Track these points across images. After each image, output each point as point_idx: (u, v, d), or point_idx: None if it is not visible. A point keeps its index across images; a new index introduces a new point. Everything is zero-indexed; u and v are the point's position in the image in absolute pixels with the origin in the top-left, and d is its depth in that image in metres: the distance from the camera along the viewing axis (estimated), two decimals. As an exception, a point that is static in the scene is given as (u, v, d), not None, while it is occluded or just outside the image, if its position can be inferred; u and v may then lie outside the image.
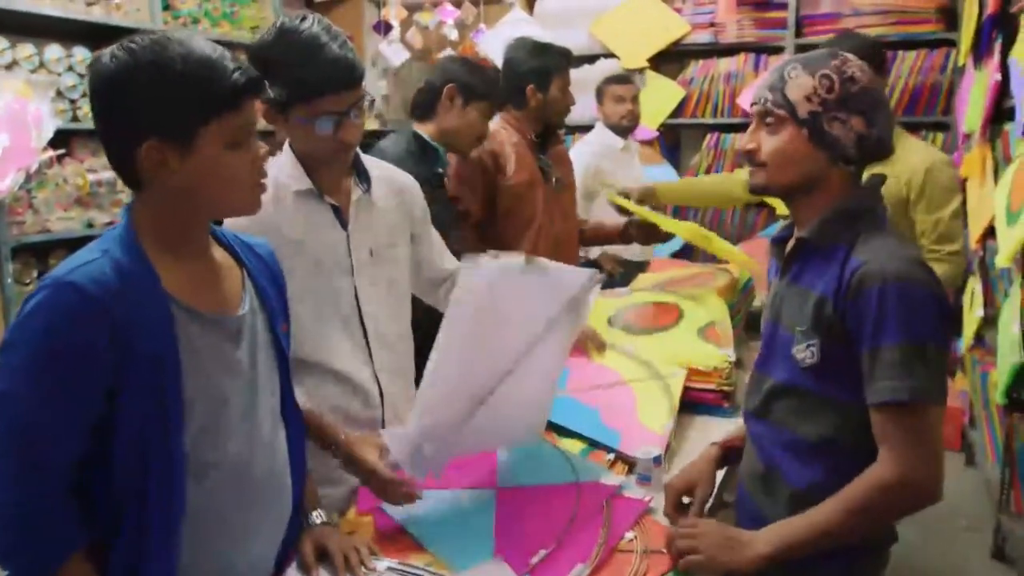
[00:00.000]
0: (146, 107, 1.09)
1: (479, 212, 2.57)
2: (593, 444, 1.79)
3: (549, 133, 2.79)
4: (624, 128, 3.75)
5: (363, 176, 1.71)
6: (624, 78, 3.85)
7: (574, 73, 2.90)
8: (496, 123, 2.73)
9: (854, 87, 1.29)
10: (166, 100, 1.08)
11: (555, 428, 1.83)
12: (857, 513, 1.24)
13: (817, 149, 1.31)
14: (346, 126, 1.54)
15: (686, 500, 1.53)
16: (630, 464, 1.69)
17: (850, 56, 1.33)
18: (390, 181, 1.79)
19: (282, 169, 1.65)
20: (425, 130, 2.32)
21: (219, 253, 1.27)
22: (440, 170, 2.32)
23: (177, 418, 1.12)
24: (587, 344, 2.12)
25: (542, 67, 2.67)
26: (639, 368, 2.03)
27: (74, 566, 1.10)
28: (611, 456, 1.74)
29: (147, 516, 1.12)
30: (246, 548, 1.27)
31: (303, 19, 1.52)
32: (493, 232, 2.62)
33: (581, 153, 3.54)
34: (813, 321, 1.30)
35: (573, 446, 1.78)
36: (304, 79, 1.49)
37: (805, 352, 1.31)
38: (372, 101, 1.64)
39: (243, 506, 1.24)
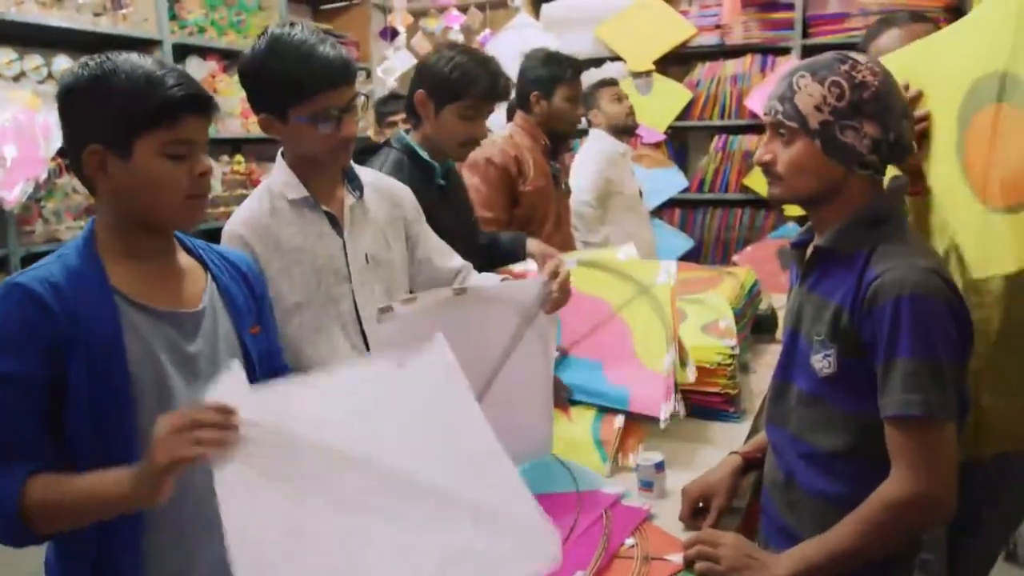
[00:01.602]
0: (90, 117, 1.18)
1: (505, 218, 2.58)
2: (603, 409, 1.82)
3: (559, 140, 2.81)
4: (629, 127, 3.74)
5: (355, 183, 1.73)
6: (613, 80, 3.85)
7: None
8: (510, 128, 2.75)
9: (865, 92, 1.26)
10: (106, 111, 1.17)
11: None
12: (870, 531, 1.23)
13: (832, 159, 1.28)
14: (347, 122, 1.57)
15: (700, 505, 1.52)
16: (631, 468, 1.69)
17: (860, 59, 1.29)
18: (380, 187, 1.81)
19: (275, 179, 1.67)
20: (417, 139, 2.17)
21: (183, 259, 1.32)
22: (442, 182, 2.18)
23: (128, 402, 1.17)
24: None
25: (547, 76, 2.72)
26: (624, 286, 1.97)
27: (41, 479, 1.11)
28: (619, 425, 1.76)
29: None
30: (213, 542, 1.27)
31: (291, 26, 1.56)
32: None
33: (591, 161, 3.54)
34: (830, 331, 1.29)
35: (586, 414, 1.80)
36: (302, 78, 1.51)
37: (823, 362, 1.30)
38: (366, 98, 1.66)
39: (202, 497, 1.23)
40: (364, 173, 1.78)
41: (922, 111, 1.47)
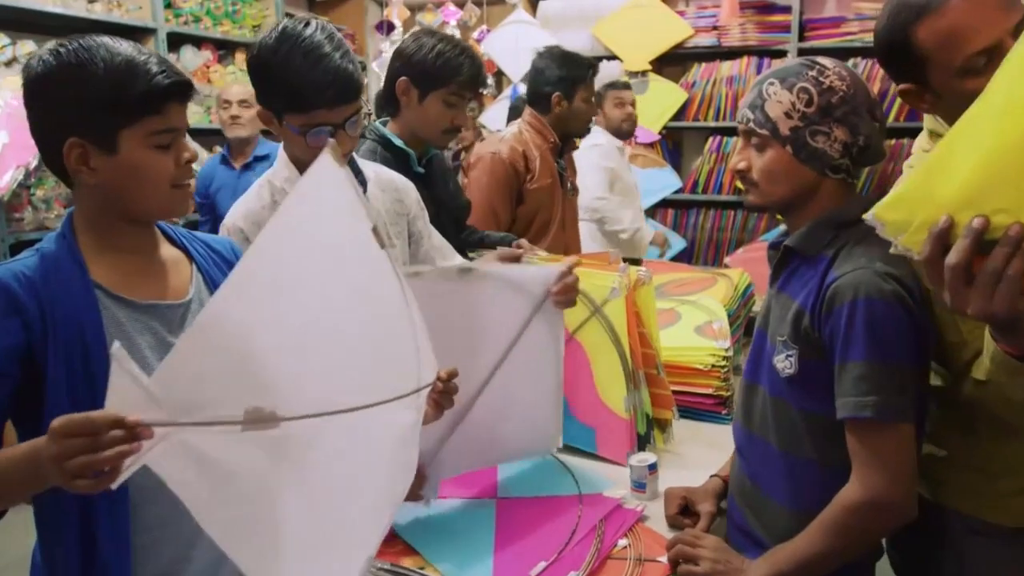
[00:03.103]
0: (69, 108, 1.11)
1: (506, 215, 2.57)
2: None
3: (566, 139, 2.82)
4: (623, 133, 3.80)
5: (358, 177, 1.70)
6: (625, 84, 3.92)
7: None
8: (519, 124, 2.75)
9: (833, 97, 1.27)
10: (87, 102, 1.10)
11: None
12: (834, 536, 1.23)
13: (804, 164, 1.29)
14: (340, 138, 1.50)
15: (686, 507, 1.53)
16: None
17: (827, 64, 1.30)
18: (383, 181, 1.78)
19: (276, 173, 1.64)
20: (395, 128, 2.11)
21: (167, 249, 1.28)
22: (420, 169, 2.12)
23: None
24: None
25: (569, 77, 2.74)
26: (579, 304, 1.87)
27: None
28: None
29: (95, 500, 1.13)
30: (205, 539, 1.25)
31: (306, 24, 1.47)
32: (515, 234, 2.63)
33: (587, 157, 3.57)
34: (792, 331, 1.29)
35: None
36: (301, 90, 1.44)
37: (784, 362, 1.30)
38: (369, 114, 1.61)
39: None
40: (367, 167, 1.75)
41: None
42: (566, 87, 2.73)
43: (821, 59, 1.32)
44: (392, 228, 1.75)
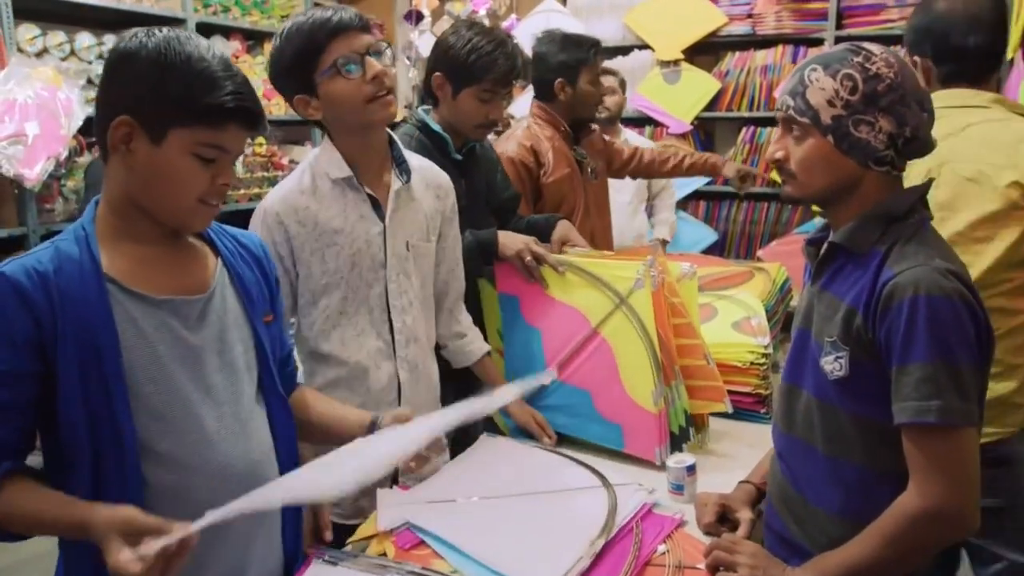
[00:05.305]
0: (134, 86, 1.13)
1: (529, 211, 2.51)
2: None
3: (581, 125, 2.74)
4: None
5: (403, 166, 1.70)
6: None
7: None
8: (527, 119, 2.69)
9: (879, 85, 1.20)
10: (152, 88, 1.12)
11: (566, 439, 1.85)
12: (889, 546, 1.17)
13: (846, 155, 1.23)
14: (371, 63, 1.54)
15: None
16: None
17: (874, 50, 1.23)
18: (428, 176, 1.78)
19: (320, 158, 1.65)
20: (434, 116, 2.12)
21: (192, 240, 1.27)
22: (458, 156, 2.10)
23: (122, 395, 1.12)
24: (541, 273, 1.96)
25: (569, 60, 2.63)
26: (599, 297, 1.85)
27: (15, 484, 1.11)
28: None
29: (104, 498, 1.12)
30: (224, 548, 1.23)
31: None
32: None
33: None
34: (842, 332, 1.23)
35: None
36: (312, 34, 1.53)
37: (833, 364, 1.24)
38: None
39: (211, 491, 1.19)
40: (412, 159, 1.75)
41: None
42: (569, 71, 2.62)
43: (868, 45, 1.25)
44: (430, 224, 1.75)
